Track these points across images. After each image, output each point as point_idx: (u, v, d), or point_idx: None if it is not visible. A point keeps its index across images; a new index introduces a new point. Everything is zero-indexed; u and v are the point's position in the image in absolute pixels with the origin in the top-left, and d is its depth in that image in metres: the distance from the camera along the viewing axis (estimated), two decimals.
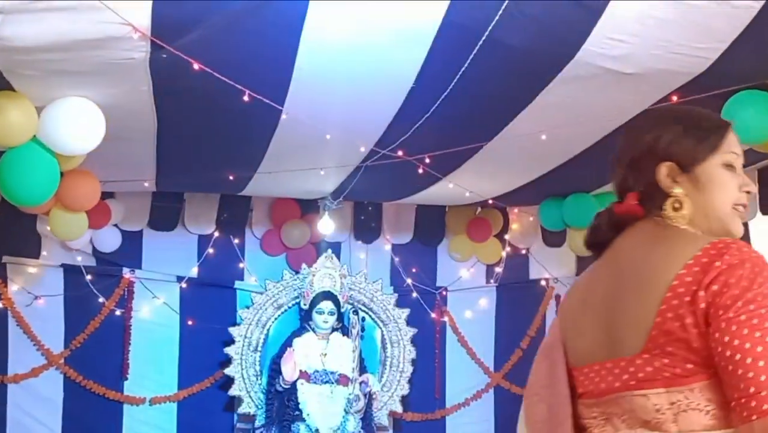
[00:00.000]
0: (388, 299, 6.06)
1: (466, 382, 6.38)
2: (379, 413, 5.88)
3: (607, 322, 1.72)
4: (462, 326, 6.41)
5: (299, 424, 5.44)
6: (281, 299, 5.88)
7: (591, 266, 1.95)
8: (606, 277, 1.79)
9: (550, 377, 1.89)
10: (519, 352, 6.43)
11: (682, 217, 1.74)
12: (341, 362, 5.58)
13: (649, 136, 1.78)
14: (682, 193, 1.74)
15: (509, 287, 6.51)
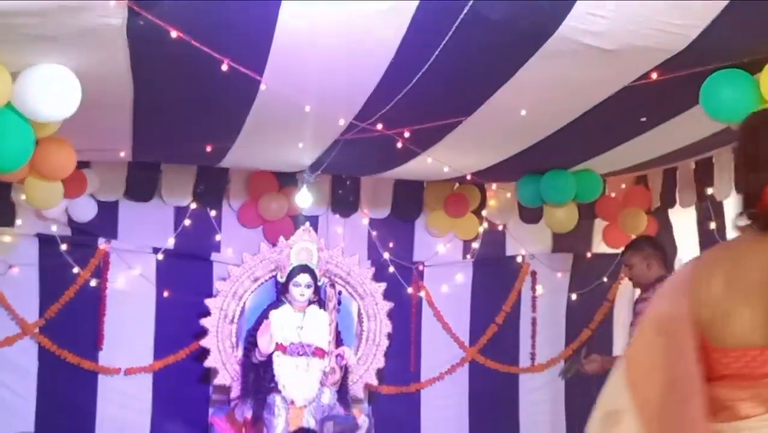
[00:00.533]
0: (365, 273, 6.07)
1: (441, 356, 6.42)
2: (355, 385, 5.91)
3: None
4: (438, 301, 6.44)
5: (275, 396, 5.45)
6: (258, 271, 5.87)
7: (718, 249, 2.04)
8: (760, 264, 1.82)
9: (670, 353, 1.90)
10: (494, 327, 6.48)
11: None
12: (317, 335, 5.59)
13: None
14: None
15: (486, 263, 6.53)
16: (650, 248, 5.06)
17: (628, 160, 5.43)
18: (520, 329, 6.56)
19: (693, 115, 4.07)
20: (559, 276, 6.60)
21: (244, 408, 5.50)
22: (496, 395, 6.46)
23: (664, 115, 4.32)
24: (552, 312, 6.59)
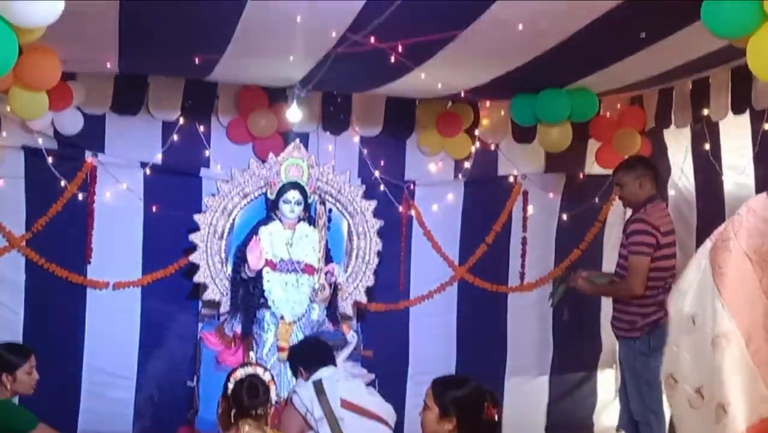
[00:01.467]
0: (355, 191, 6.03)
1: (430, 275, 6.43)
2: (344, 302, 5.92)
3: None
4: (428, 220, 6.41)
5: (264, 311, 5.46)
6: (247, 187, 5.81)
7: None
8: None
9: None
10: (484, 246, 6.47)
11: None
12: (307, 252, 5.58)
13: None
14: None
15: (477, 183, 6.48)
16: (642, 167, 5.03)
17: (624, 78, 5.35)
18: (510, 248, 6.55)
19: (692, 31, 3.98)
20: (551, 196, 6.58)
21: (234, 323, 5.53)
22: (484, 314, 6.50)
23: (664, 30, 4.22)
24: (542, 232, 6.58)
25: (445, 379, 3.04)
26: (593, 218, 6.56)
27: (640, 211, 4.93)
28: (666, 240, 4.87)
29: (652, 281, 4.84)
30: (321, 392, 4.14)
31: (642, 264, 4.80)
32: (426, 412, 2.98)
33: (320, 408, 4.07)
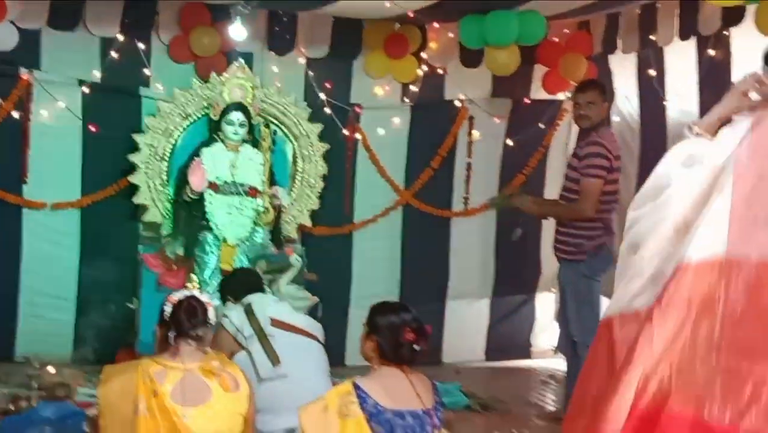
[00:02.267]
0: (300, 114, 5.94)
1: (375, 199, 6.41)
2: (288, 226, 5.89)
3: None
4: (374, 144, 6.36)
5: (206, 234, 5.41)
6: (189, 108, 5.68)
7: None
8: None
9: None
10: (429, 171, 6.47)
11: None
12: (251, 174, 5.51)
13: None
14: None
15: (423, 107, 6.44)
16: (598, 91, 5.06)
17: (572, 2, 5.30)
18: (455, 173, 6.56)
19: None
20: (497, 122, 6.57)
21: (175, 246, 5.47)
22: (428, 238, 6.53)
23: None
24: (487, 157, 6.59)
25: (379, 303, 3.17)
26: (537, 143, 6.59)
27: (593, 135, 4.94)
28: (616, 164, 4.93)
29: (602, 204, 4.90)
30: (250, 313, 4.15)
31: (596, 187, 4.85)
32: (362, 333, 3.09)
33: (250, 327, 4.09)
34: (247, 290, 4.34)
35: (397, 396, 2.93)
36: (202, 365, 3.05)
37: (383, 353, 3.02)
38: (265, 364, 4.04)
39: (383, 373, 3.01)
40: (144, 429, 2.88)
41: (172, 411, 2.90)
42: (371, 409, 2.86)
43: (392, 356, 3.01)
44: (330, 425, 2.85)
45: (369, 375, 3.02)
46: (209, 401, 2.99)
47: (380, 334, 3.03)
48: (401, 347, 2.99)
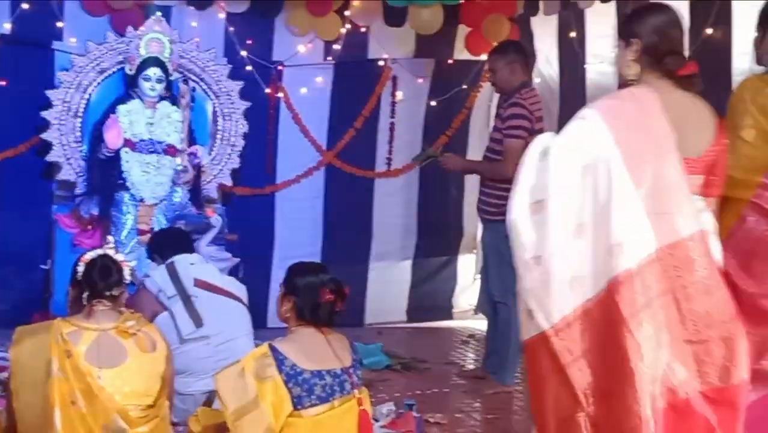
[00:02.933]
0: (220, 70, 5.81)
1: (297, 159, 6.34)
2: (208, 185, 5.78)
3: None
4: (296, 103, 6.28)
5: (123, 193, 5.28)
6: (104, 62, 5.50)
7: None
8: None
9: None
10: (352, 132, 6.42)
11: None
12: (169, 132, 5.38)
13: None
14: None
15: (347, 66, 6.36)
16: (514, 53, 5.02)
17: None
18: (378, 134, 6.53)
19: None
20: (420, 82, 6.55)
21: (90, 205, 5.32)
22: (351, 198, 6.49)
23: None
24: (410, 118, 6.58)
25: (296, 264, 3.13)
26: (460, 105, 6.60)
27: (516, 96, 4.93)
28: (538, 126, 4.92)
29: None
30: (173, 273, 4.08)
31: (517, 147, 4.83)
32: (280, 293, 3.06)
33: (173, 287, 4.02)
34: (174, 250, 4.25)
35: (314, 357, 2.91)
36: (117, 325, 2.97)
37: (301, 314, 2.99)
38: (187, 324, 3.99)
39: (300, 334, 2.98)
40: (57, 391, 2.80)
41: (87, 372, 2.83)
42: (288, 370, 2.83)
43: (310, 316, 2.98)
44: (247, 388, 2.81)
45: (286, 337, 3.00)
46: (125, 362, 2.92)
47: (298, 295, 2.99)
48: (319, 308, 2.97)
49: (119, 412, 2.82)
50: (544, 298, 2.57)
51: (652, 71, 2.72)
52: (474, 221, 5.82)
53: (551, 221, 2.58)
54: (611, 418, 2.50)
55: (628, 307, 2.46)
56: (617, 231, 2.48)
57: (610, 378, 2.49)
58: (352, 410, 2.91)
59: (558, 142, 2.62)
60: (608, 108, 2.64)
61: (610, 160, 2.52)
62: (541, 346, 2.56)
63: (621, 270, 2.46)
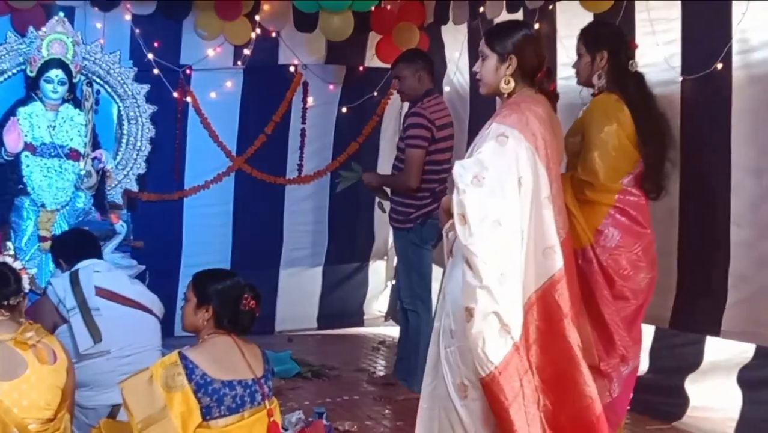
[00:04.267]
0: (126, 73, 5.68)
1: (207, 164, 6.26)
2: (113, 191, 5.63)
3: None
4: (205, 108, 6.20)
5: (23, 198, 5.12)
6: (4, 63, 5.33)
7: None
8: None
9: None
10: (263, 137, 6.37)
11: None
12: (72, 136, 5.25)
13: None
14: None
15: (257, 71, 6.30)
16: (421, 61, 5.06)
17: None
18: (289, 140, 6.49)
19: None
20: (331, 88, 6.54)
21: None
22: (261, 204, 6.43)
23: None
24: (322, 124, 6.56)
25: (205, 272, 3.06)
26: (371, 112, 6.61)
27: (417, 105, 4.97)
28: (441, 133, 4.94)
29: (428, 174, 4.93)
30: (76, 283, 3.93)
31: (417, 156, 4.87)
32: (186, 304, 3.01)
33: (73, 298, 3.87)
34: (80, 254, 4.10)
35: (226, 366, 2.85)
36: (15, 336, 2.86)
37: (219, 322, 2.93)
38: (85, 339, 3.83)
39: (213, 342, 2.92)
40: None
41: None
42: (198, 380, 2.78)
43: (231, 324, 2.92)
44: (155, 397, 2.74)
45: (197, 345, 2.93)
46: (24, 374, 2.81)
47: (217, 302, 2.92)
48: (240, 315, 2.91)
49: (17, 426, 2.72)
50: (512, 309, 2.74)
51: (526, 86, 2.96)
52: (386, 227, 5.81)
53: (511, 235, 2.77)
54: (566, 402, 2.80)
55: (564, 301, 2.82)
56: (549, 236, 2.84)
57: (559, 365, 2.81)
58: (261, 420, 2.88)
59: (492, 164, 2.79)
60: (523, 125, 2.84)
61: (539, 175, 2.83)
62: (513, 357, 2.73)
63: (556, 270, 2.84)
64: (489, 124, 2.91)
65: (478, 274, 2.70)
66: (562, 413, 2.81)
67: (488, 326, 2.69)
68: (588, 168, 3.49)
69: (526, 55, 2.92)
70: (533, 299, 2.82)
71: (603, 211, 3.49)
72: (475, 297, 2.70)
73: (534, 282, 2.82)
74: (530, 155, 2.82)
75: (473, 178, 2.76)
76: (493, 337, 2.70)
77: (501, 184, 2.76)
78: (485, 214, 2.74)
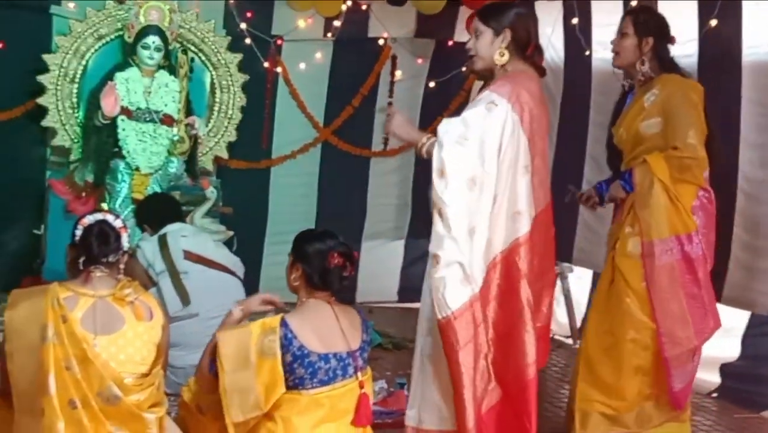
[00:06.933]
0: (220, 42, 5.77)
1: (294, 134, 6.32)
2: (204, 157, 5.75)
3: None
4: (295, 79, 6.26)
5: (118, 161, 5.23)
6: (103, 29, 5.46)
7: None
8: None
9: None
10: (350, 109, 6.40)
11: None
12: (166, 102, 5.34)
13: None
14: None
15: (346, 43, 6.33)
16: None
17: None
18: (376, 113, 6.49)
19: None
20: (419, 62, 6.52)
21: (85, 172, 5.27)
22: (346, 176, 6.48)
23: None
24: (409, 98, 6.55)
25: (304, 231, 3.08)
26: (458, 87, 6.57)
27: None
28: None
29: None
30: (164, 246, 4.03)
31: None
32: (288, 262, 3.00)
33: (162, 262, 3.97)
34: (164, 219, 4.21)
35: (324, 337, 2.84)
36: (114, 292, 2.93)
37: (310, 281, 2.94)
38: (174, 302, 3.95)
39: (312, 309, 2.90)
40: (52, 356, 2.75)
41: (82, 338, 2.78)
42: (296, 351, 2.76)
43: (320, 283, 2.92)
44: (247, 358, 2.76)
45: (298, 310, 2.93)
46: (121, 329, 2.88)
47: (307, 261, 2.94)
48: (328, 273, 2.91)
49: (114, 379, 2.79)
50: (476, 263, 2.94)
51: (519, 59, 3.09)
52: None
53: (484, 197, 2.94)
54: (510, 358, 2.99)
55: (523, 263, 2.99)
56: (520, 202, 3.00)
57: (510, 322, 2.99)
58: (353, 391, 2.87)
59: (476, 128, 2.94)
60: (514, 96, 3.00)
61: (519, 145, 2.98)
62: (470, 306, 2.92)
63: (521, 234, 2.99)
64: (484, 91, 3.10)
65: (448, 224, 2.88)
66: (507, 369, 3.00)
67: (451, 273, 2.88)
68: (690, 146, 3.44)
69: (518, 30, 3.08)
70: (498, 258, 3.00)
71: (694, 191, 3.52)
72: (442, 246, 2.89)
73: (502, 243, 2.99)
74: (515, 126, 2.98)
75: (458, 137, 2.93)
76: (455, 284, 2.89)
77: (481, 147, 2.93)
78: (463, 172, 2.90)
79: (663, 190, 3.46)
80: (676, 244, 3.46)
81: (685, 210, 3.44)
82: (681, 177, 3.45)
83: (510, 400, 3.03)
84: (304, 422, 2.81)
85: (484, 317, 2.98)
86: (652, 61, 3.59)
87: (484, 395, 2.98)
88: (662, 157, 3.47)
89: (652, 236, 3.46)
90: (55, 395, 2.73)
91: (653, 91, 3.58)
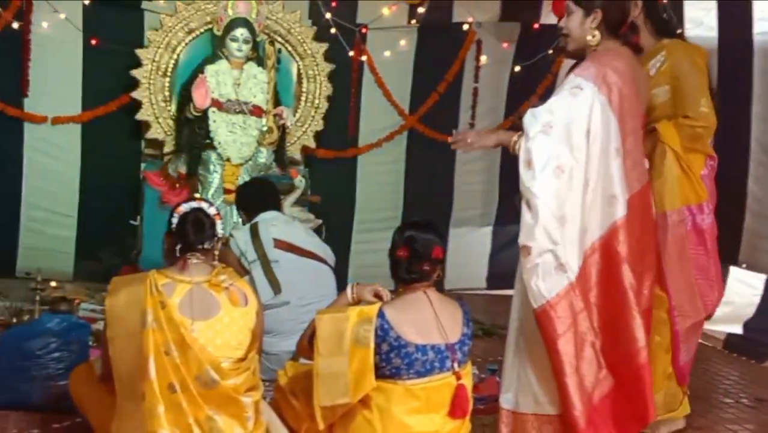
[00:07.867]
0: (306, 32, 5.82)
1: (380, 122, 6.33)
2: (292, 147, 5.82)
3: None
4: (380, 66, 6.26)
5: (210, 152, 5.33)
6: (193, 22, 5.57)
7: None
8: None
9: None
10: (435, 96, 6.37)
11: None
12: (255, 93, 5.41)
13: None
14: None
15: (431, 29, 6.31)
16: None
17: None
18: (461, 99, 6.46)
19: None
20: (505, 46, 6.45)
21: (178, 163, 5.40)
22: (432, 163, 6.45)
23: None
24: (494, 83, 6.49)
25: (409, 221, 3.11)
26: (545, 70, 6.47)
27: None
28: None
29: None
30: (255, 235, 4.09)
31: None
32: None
33: (254, 251, 4.03)
34: (262, 206, 4.27)
35: (421, 328, 2.83)
36: (209, 278, 2.99)
37: (392, 274, 2.97)
38: (266, 291, 4.00)
39: (409, 299, 2.90)
40: (152, 341, 2.83)
41: (180, 323, 2.85)
42: (392, 342, 2.76)
43: (395, 276, 2.94)
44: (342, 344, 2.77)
45: (396, 300, 2.92)
46: (218, 314, 2.94)
47: (389, 253, 2.97)
48: (397, 266, 2.92)
49: (211, 363, 2.85)
50: (570, 250, 2.87)
51: (611, 38, 3.02)
52: None
53: (574, 184, 2.87)
54: (619, 344, 2.90)
55: (623, 248, 2.90)
56: (614, 185, 2.91)
57: (615, 308, 2.90)
58: (449, 385, 2.86)
59: (561, 115, 2.89)
60: (600, 78, 2.93)
61: (610, 127, 2.90)
62: (567, 294, 2.86)
63: (618, 217, 2.90)
64: (569, 75, 3.03)
65: (537, 214, 2.83)
66: (618, 355, 2.93)
67: (544, 263, 2.84)
68: (702, 115, 3.43)
69: (610, 9, 3.02)
70: (597, 244, 2.93)
71: (703, 160, 3.51)
72: (533, 236, 2.84)
73: (598, 228, 2.92)
74: (603, 108, 2.90)
75: (543, 126, 2.87)
76: (548, 274, 2.84)
77: (568, 134, 2.87)
78: (550, 161, 2.85)
79: (675, 160, 3.42)
80: (687, 214, 3.44)
81: (696, 179, 3.41)
82: (692, 146, 3.43)
83: (624, 387, 2.95)
84: (399, 411, 2.82)
85: (587, 304, 2.91)
86: (646, 24, 3.53)
87: (596, 384, 2.91)
88: (672, 126, 3.40)
89: (665, 207, 3.42)
90: (155, 380, 2.80)
91: (658, 58, 3.53)
